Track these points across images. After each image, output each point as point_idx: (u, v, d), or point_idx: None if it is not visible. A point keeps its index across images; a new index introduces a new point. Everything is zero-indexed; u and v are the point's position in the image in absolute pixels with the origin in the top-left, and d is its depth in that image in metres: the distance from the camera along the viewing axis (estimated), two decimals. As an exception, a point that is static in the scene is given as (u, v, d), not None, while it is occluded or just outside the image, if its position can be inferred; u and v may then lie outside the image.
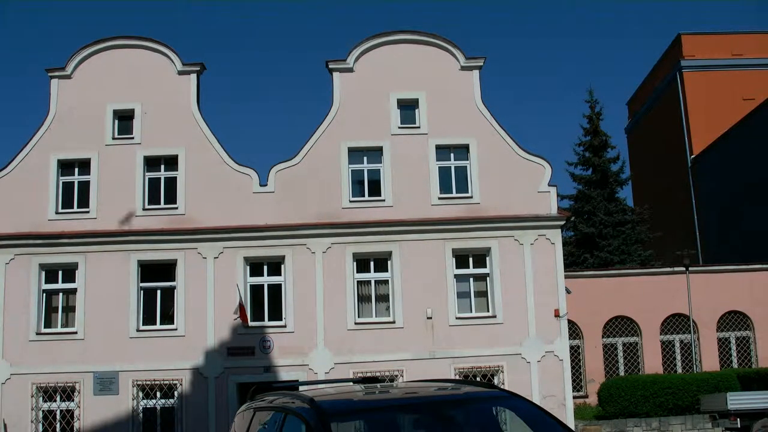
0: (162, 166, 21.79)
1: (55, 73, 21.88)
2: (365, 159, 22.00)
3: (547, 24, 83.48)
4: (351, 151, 21.83)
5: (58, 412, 20.36)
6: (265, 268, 21.37)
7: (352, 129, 21.86)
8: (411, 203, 21.48)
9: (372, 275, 21.47)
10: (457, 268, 21.47)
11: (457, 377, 20.25)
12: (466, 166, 21.98)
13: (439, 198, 21.66)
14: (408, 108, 22.21)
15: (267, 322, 20.99)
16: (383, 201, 21.60)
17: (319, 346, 20.73)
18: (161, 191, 21.62)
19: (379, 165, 21.87)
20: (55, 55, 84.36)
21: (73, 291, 21.04)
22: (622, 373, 27.51)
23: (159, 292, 21.23)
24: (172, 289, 21.10)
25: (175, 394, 20.56)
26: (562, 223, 22.01)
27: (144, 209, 21.35)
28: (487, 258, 21.57)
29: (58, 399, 20.42)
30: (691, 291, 27.18)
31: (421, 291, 20.99)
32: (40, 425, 20.32)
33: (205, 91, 26.02)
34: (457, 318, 21.10)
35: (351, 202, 21.59)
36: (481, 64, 22.48)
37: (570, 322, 23.94)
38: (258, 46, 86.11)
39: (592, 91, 38.95)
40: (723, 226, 37.85)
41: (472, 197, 21.72)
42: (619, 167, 38.44)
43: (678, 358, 28.24)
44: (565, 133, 79.70)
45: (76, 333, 20.66)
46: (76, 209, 21.34)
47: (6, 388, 20.28)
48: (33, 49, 76.92)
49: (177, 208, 21.36)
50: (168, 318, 21.08)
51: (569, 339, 22.28)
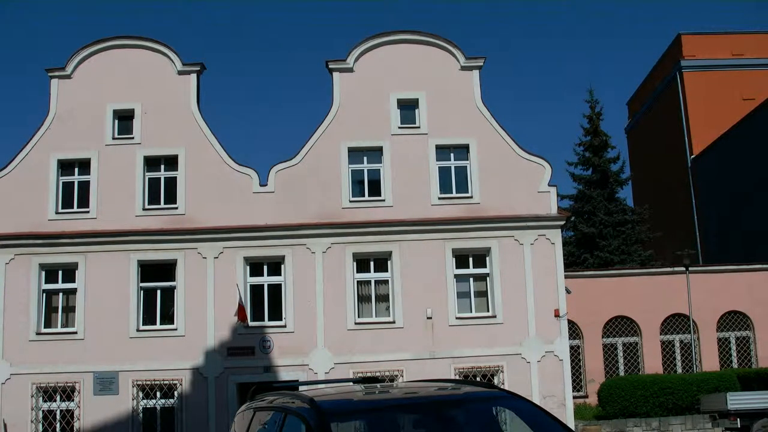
0: (162, 166, 21.79)
1: (55, 73, 21.89)
2: (365, 159, 22.00)
3: (547, 24, 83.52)
4: (351, 151, 21.83)
5: (58, 412, 20.36)
6: (265, 268, 21.37)
7: (352, 129, 21.86)
8: (411, 203, 21.48)
9: (372, 275, 21.47)
10: (457, 268, 21.47)
11: (457, 377, 20.25)
12: (466, 166, 21.98)
13: (439, 198, 21.66)
14: (408, 108, 22.21)
15: (267, 322, 21.00)
16: (383, 201, 21.60)
17: (319, 346, 20.73)
18: (161, 191, 21.62)
19: (379, 165, 21.87)
20: (55, 55, 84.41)
21: (73, 291, 21.04)
22: (622, 373, 27.49)
23: (159, 292, 21.23)
24: (172, 289, 21.10)
25: (175, 394, 20.56)
26: (562, 223, 22.02)
27: (144, 209, 21.36)
28: (487, 258, 21.57)
29: (58, 399, 20.42)
30: (691, 291, 27.17)
31: (421, 291, 20.99)
32: (40, 425, 20.32)
33: (205, 91, 26.02)
34: (457, 318, 21.10)
35: (351, 202, 21.59)
36: (481, 64, 22.49)
37: (570, 322, 23.94)
38: (258, 46, 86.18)
39: (592, 91, 39.01)
40: (723, 226, 37.84)
41: (472, 197, 21.72)
42: (619, 167, 38.45)
43: (678, 358, 28.23)
44: (565, 133, 79.81)
45: (76, 333, 20.66)
46: (76, 209, 21.34)
47: (6, 388, 20.28)
48: (33, 49, 76.98)
49: (177, 208, 21.36)
50: (168, 318, 21.08)
51: (569, 339, 22.29)
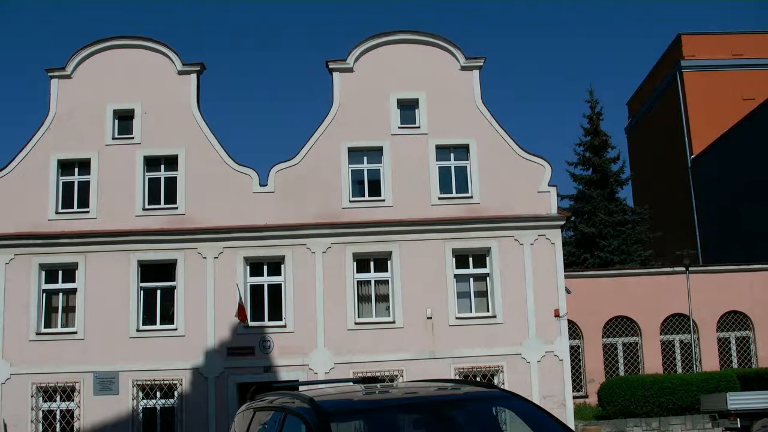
0: (162, 166, 21.78)
1: (55, 73, 21.88)
2: (365, 159, 21.99)
3: (547, 24, 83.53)
4: (351, 151, 21.82)
5: (58, 412, 20.35)
6: (265, 268, 21.37)
7: (352, 129, 21.85)
8: (411, 203, 21.48)
9: (372, 275, 21.46)
10: (457, 268, 21.46)
11: (457, 377, 20.25)
12: (466, 166, 21.98)
13: (439, 198, 21.66)
14: (408, 108, 22.20)
15: (267, 322, 20.99)
16: (383, 201, 21.60)
17: (319, 346, 20.73)
18: (161, 191, 21.62)
19: (379, 165, 21.86)
20: (55, 55, 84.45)
21: (73, 291, 21.04)
22: (622, 373, 27.50)
23: (159, 292, 21.23)
24: (172, 289, 21.10)
25: (175, 394, 20.56)
26: (562, 223, 22.01)
27: (144, 209, 21.36)
28: (487, 258, 21.56)
29: (58, 399, 20.42)
30: (691, 291, 27.16)
31: (421, 291, 20.99)
32: (40, 425, 20.32)
33: (205, 91, 26.04)
34: (457, 318, 21.10)
35: (351, 202, 21.59)
36: (481, 64, 22.48)
37: (570, 322, 23.94)
38: (258, 46, 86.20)
39: (592, 91, 38.96)
40: (723, 226, 37.83)
41: (472, 197, 21.72)
42: (619, 167, 38.43)
43: (678, 358, 28.23)
44: (565, 133, 79.79)
45: (76, 333, 20.66)
46: (76, 209, 21.34)
47: (6, 388, 20.28)
48: (33, 49, 76.97)
49: (177, 208, 21.36)
50: (168, 318, 21.07)
51: (569, 339, 22.29)
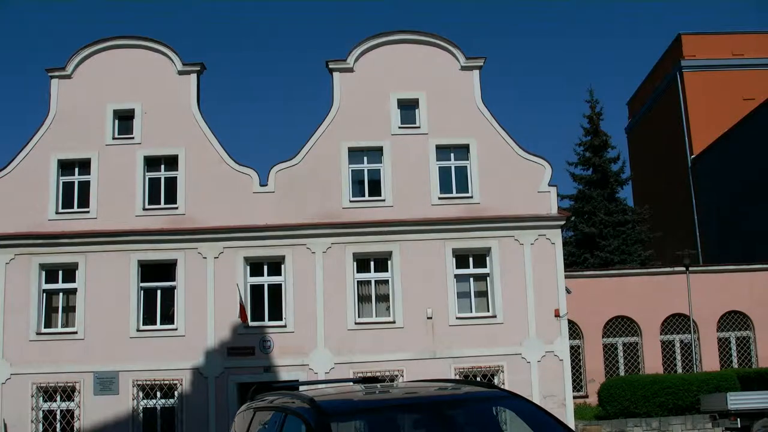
0: (162, 166, 21.79)
1: (55, 73, 21.89)
2: (365, 159, 21.99)
3: (548, 24, 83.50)
4: (351, 151, 21.82)
5: (58, 412, 20.36)
6: (265, 268, 21.37)
7: (352, 129, 21.85)
8: (411, 203, 21.48)
9: (372, 275, 21.46)
10: (457, 268, 21.46)
11: (457, 377, 20.25)
12: (466, 166, 21.98)
13: (439, 198, 21.66)
14: (408, 108, 22.21)
15: (267, 322, 20.99)
16: (383, 201, 21.60)
17: (319, 346, 20.73)
18: (161, 191, 21.62)
19: (379, 165, 21.86)
20: (55, 55, 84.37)
21: (74, 291, 21.04)
22: (622, 373, 27.49)
23: (159, 292, 21.23)
24: (172, 289, 21.10)
25: (175, 394, 20.56)
26: (563, 223, 22.01)
27: (144, 209, 21.36)
28: (487, 258, 21.57)
29: (58, 399, 20.42)
30: (691, 291, 27.16)
31: (421, 291, 20.99)
32: (40, 425, 20.32)
33: (205, 91, 26.00)
34: (457, 318, 21.10)
35: (351, 202, 21.59)
36: (481, 64, 22.48)
37: (570, 322, 23.93)
38: (258, 46, 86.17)
39: (592, 91, 38.98)
40: (723, 226, 37.83)
41: (472, 197, 21.72)
42: (619, 167, 38.43)
43: (678, 358, 28.23)
44: (566, 133, 79.75)
45: (76, 333, 20.66)
46: (76, 209, 21.34)
47: (6, 388, 20.28)
48: (33, 49, 76.95)
49: (177, 208, 21.36)
50: (168, 318, 21.08)
51: (569, 339, 22.28)
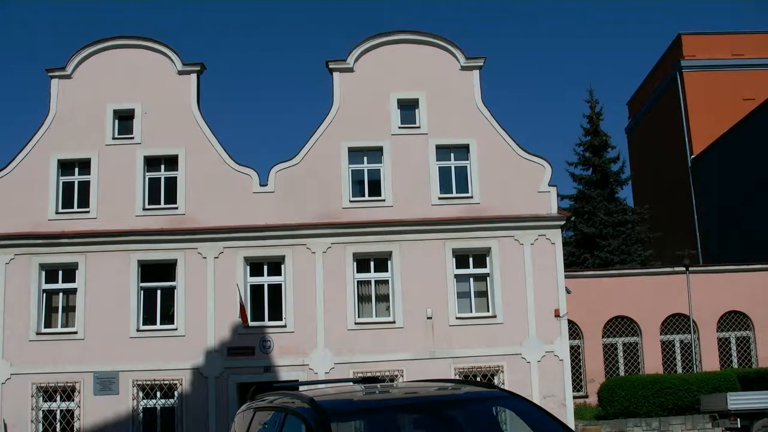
0: (162, 166, 21.79)
1: (55, 73, 21.89)
2: (365, 159, 22.00)
3: (547, 24, 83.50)
4: (351, 151, 21.83)
5: (58, 412, 20.35)
6: (265, 268, 21.37)
7: (352, 129, 21.86)
8: (411, 203, 21.48)
9: (372, 275, 21.46)
10: (457, 268, 21.46)
11: (457, 377, 20.25)
12: (466, 166, 21.98)
13: (439, 198, 21.66)
14: (408, 108, 22.21)
15: (267, 322, 20.99)
16: (383, 201, 21.60)
17: (319, 346, 20.73)
18: (161, 191, 21.62)
19: (379, 165, 21.86)
20: (55, 55, 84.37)
21: (73, 291, 21.04)
22: (622, 373, 27.48)
23: (159, 292, 21.23)
24: (172, 289, 21.10)
25: (175, 394, 20.56)
26: (562, 223, 22.01)
27: (144, 209, 21.36)
28: (487, 258, 21.56)
29: (58, 399, 20.42)
30: (691, 291, 27.16)
31: (421, 291, 20.98)
32: (40, 425, 20.32)
33: (205, 91, 26.05)
34: (457, 318, 21.10)
35: (351, 202, 21.59)
36: (481, 64, 22.48)
37: (570, 322, 23.93)
38: (258, 46, 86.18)
39: (592, 91, 38.97)
40: (723, 226, 37.83)
41: (472, 197, 21.72)
42: (619, 167, 38.45)
43: (678, 358, 28.22)
44: (566, 133, 79.69)
45: (76, 333, 20.66)
46: (76, 209, 21.34)
47: (6, 388, 20.28)
48: (33, 49, 76.94)
49: (177, 208, 21.36)
50: (168, 318, 21.08)
51: (569, 339, 22.28)
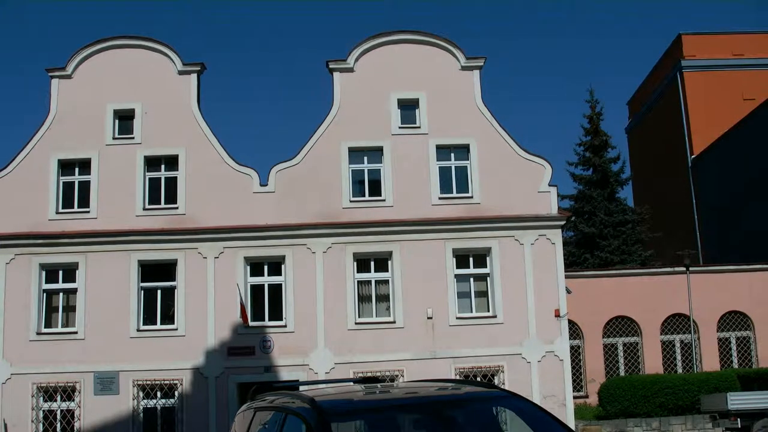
0: (162, 166, 21.79)
1: (55, 73, 21.90)
2: (365, 159, 22.00)
3: (547, 24, 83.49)
4: (351, 151, 21.83)
5: (59, 412, 20.36)
6: (265, 268, 21.37)
7: (352, 129, 21.86)
8: (411, 203, 21.48)
9: (372, 275, 21.47)
10: (457, 268, 21.47)
11: (457, 377, 20.25)
12: (467, 166, 21.99)
13: (440, 198, 21.67)
14: (408, 108, 22.21)
15: (267, 322, 21.00)
16: (383, 201, 21.60)
17: (320, 346, 20.74)
18: (161, 191, 21.63)
19: (379, 165, 21.87)
20: (55, 55, 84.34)
21: (74, 291, 21.05)
22: (622, 373, 27.47)
23: (159, 292, 21.24)
24: (173, 289, 21.11)
25: (176, 394, 20.57)
26: (563, 223, 22.01)
27: (144, 209, 21.36)
28: (487, 258, 21.57)
29: (59, 399, 20.43)
30: (691, 291, 27.16)
31: (422, 291, 20.99)
32: (41, 425, 20.33)
33: (205, 91, 26.00)
34: (457, 318, 21.10)
35: (351, 202, 21.60)
36: (481, 64, 22.49)
37: (570, 322, 23.92)
38: (258, 46, 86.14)
39: (592, 91, 38.88)
40: (723, 226, 37.82)
41: (472, 197, 21.72)
42: (619, 167, 38.42)
43: (678, 358, 28.22)
44: (566, 133, 79.63)
45: (76, 333, 20.67)
46: (76, 209, 21.35)
47: (6, 388, 20.28)
48: (33, 49, 76.94)
49: (177, 208, 21.37)
50: (168, 318, 21.09)
51: (569, 339, 22.29)
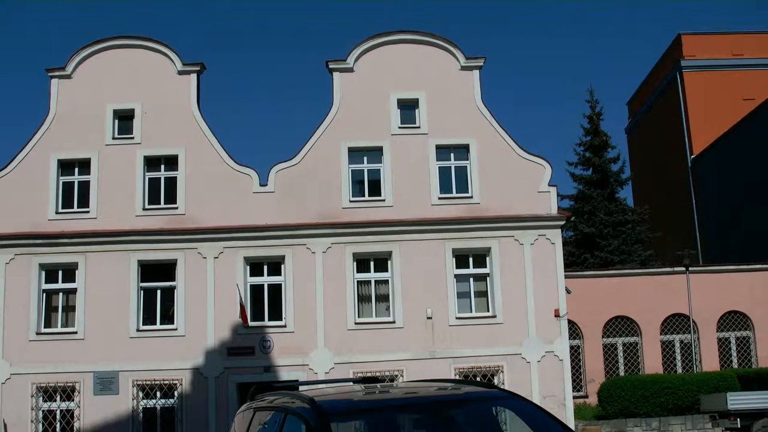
0: (162, 166, 21.79)
1: (55, 73, 21.89)
2: (365, 159, 22.00)
3: (547, 24, 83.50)
4: (351, 151, 21.83)
5: (58, 412, 20.35)
6: (265, 268, 21.37)
7: (352, 129, 21.86)
8: (411, 203, 21.48)
9: (372, 275, 21.46)
10: (457, 268, 21.46)
11: (457, 377, 20.25)
12: (466, 166, 21.98)
13: (439, 198, 21.66)
14: (408, 108, 22.21)
15: (267, 322, 21.00)
16: (383, 201, 21.60)
17: (319, 346, 20.73)
18: (161, 191, 21.62)
19: (379, 165, 21.86)
20: (55, 55, 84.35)
21: (73, 291, 21.04)
22: (622, 373, 27.49)
23: (159, 292, 21.23)
24: (172, 289, 21.11)
25: (175, 394, 20.56)
26: (563, 223, 22.01)
27: (144, 209, 21.36)
28: (487, 258, 21.56)
29: (58, 399, 20.42)
30: (691, 291, 27.17)
31: (421, 291, 20.99)
32: (40, 425, 20.31)
33: (205, 91, 26.00)
34: (457, 318, 21.10)
35: (351, 202, 21.59)
36: (481, 64, 22.48)
37: (570, 322, 23.93)
38: (258, 46, 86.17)
39: (592, 91, 38.90)
40: (723, 226, 37.83)
41: (472, 197, 21.72)
42: (619, 167, 38.43)
43: (678, 358, 28.23)
44: (566, 133, 79.66)
45: (76, 333, 20.66)
46: (76, 209, 21.34)
47: (6, 388, 20.28)
48: (33, 49, 76.94)
49: (177, 208, 21.36)
50: (168, 318, 21.08)
51: (569, 339, 22.29)
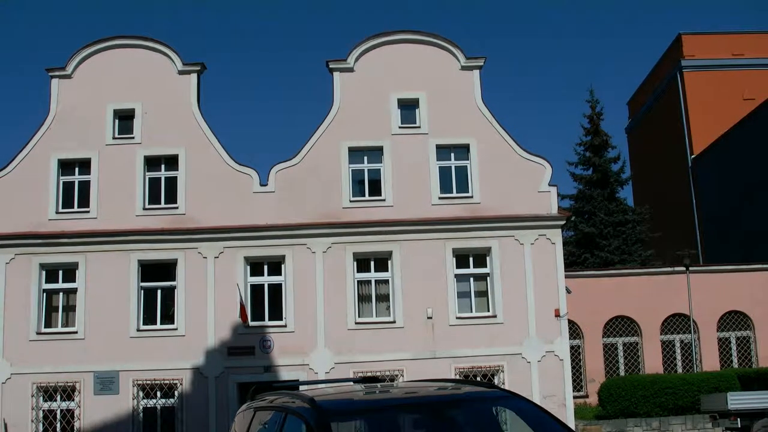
0: (162, 166, 21.79)
1: (55, 73, 21.89)
2: (365, 159, 22.00)
3: (547, 24, 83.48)
4: (351, 151, 21.83)
5: (59, 412, 20.36)
6: (265, 267, 21.37)
7: (352, 129, 21.86)
8: (411, 203, 21.48)
9: (372, 275, 21.47)
10: (457, 267, 21.47)
11: (457, 377, 20.26)
12: (467, 166, 21.98)
13: (440, 198, 21.66)
14: (408, 108, 22.21)
15: (267, 322, 21.00)
16: (383, 201, 21.61)
17: (319, 346, 20.74)
18: (161, 191, 21.63)
19: (379, 165, 21.87)
20: (55, 55, 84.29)
21: (74, 291, 21.05)
22: (622, 373, 27.49)
23: (159, 291, 21.24)
24: (173, 288, 21.11)
25: (176, 393, 20.57)
26: (563, 222, 22.02)
27: (144, 209, 21.36)
28: (487, 258, 21.57)
29: (59, 399, 20.43)
30: (691, 291, 27.16)
31: (422, 291, 20.99)
32: (41, 425, 20.32)
33: (205, 91, 25.99)
34: (457, 318, 21.11)
35: (351, 201, 21.60)
36: (482, 64, 22.49)
37: (570, 322, 23.93)
38: (258, 46, 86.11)
39: (592, 90, 38.90)
40: (723, 226, 37.82)
41: (472, 197, 21.72)
42: (619, 167, 38.44)
43: (678, 358, 28.23)
44: (566, 133, 79.56)
45: (76, 333, 20.67)
46: (76, 209, 21.35)
47: (6, 387, 20.29)
48: (33, 49, 76.92)
49: (177, 208, 21.37)
50: (168, 318, 21.09)
51: (569, 339, 22.29)
